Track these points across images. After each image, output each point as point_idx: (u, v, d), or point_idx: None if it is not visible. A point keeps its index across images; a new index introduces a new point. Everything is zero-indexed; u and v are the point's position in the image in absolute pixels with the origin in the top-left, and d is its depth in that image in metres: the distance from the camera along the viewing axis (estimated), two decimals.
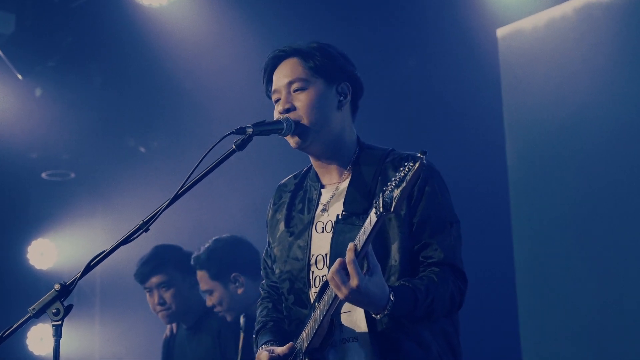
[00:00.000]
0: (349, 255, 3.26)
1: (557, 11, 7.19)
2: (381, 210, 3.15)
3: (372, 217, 3.21)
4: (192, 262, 6.31)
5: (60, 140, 9.55)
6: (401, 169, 3.11)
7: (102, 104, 9.32)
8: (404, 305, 3.39)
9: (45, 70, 8.92)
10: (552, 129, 7.15)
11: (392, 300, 3.34)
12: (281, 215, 3.92)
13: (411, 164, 3.08)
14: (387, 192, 3.13)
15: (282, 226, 3.90)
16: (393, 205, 3.11)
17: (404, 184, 3.08)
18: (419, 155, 3.08)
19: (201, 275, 6.29)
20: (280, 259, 3.86)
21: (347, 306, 3.57)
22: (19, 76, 8.83)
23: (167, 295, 6.53)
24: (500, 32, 7.53)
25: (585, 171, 6.92)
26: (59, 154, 9.81)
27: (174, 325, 6.70)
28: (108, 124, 9.55)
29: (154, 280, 6.54)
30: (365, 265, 3.31)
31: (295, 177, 4.03)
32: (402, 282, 3.49)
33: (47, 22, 8.49)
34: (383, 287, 3.34)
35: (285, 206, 3.92)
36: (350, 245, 3.28)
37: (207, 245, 6.32)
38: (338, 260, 3.29)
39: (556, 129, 7.12)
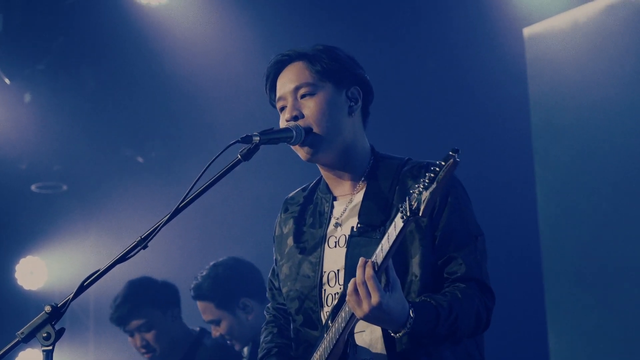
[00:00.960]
0: (368, 271, 3.22)
1: (586, 9, 7.29)
2: (408, 214, 3.11)
3: (398, 223, 3.18)
4: (192, 294, 6.26)
5: (51, 150, 9.55)
6: (432, 168, 3.06)
7: (96, 111, 9.33)
8: (425, 322, 3.36)
9: (34, 73, 8.93)
10: (581, 131, 7.25)
11: (412, 317, 3.31)
12: (289, 230, 3.91)
13: (442, 163, 3.04)
14: (415, 194, 3.09)
15: (290, 241, 3.88)
16: (422, 208, 3.07)
17: (434, 185, 3.04)
18: (450, 153, 3.03)
19: (205, 306, 6.23)
20: (289, 277, 3.84)
21: (361, 325, 3.53)
22: (7, 80, 8.85)
23: (150, 337, 6.49)
24: (527, 31, 7.63)
25: (615, 174, 7.02)
26: (49, 164, 9.81)
27: None
28: (103, 132, 9.55)
29: (133, 323, 6.50)
30: (384, 279, 3.29)
31: (303, 189, 4.02)
32: (423, 298, 3.46)
33: (37, 21, 8.51)
34: (403, 303, 3.31)
35: (294, 220, 3.91)
36: (368, 260, 3.24)
37: (205, 272, 6.24)
38: (356, 276, 3.25)
39: (585, 132, 7.23)
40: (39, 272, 9.95)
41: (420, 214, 3.09)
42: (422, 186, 3.08)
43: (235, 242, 8.82)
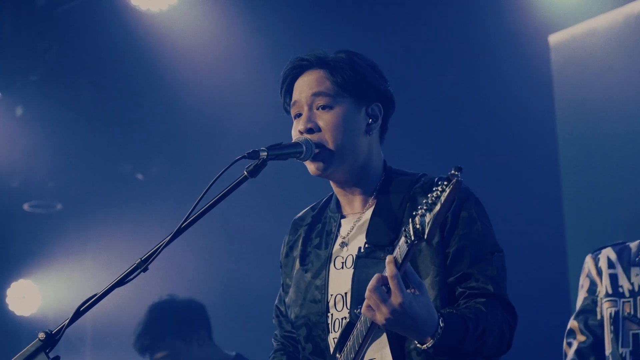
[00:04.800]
0: (391, 269, 3.15)
1: (612, 16, 7.40)
2: (412, 238, 3.09)
3: (402, 247, 3.15)
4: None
5: (44, 166, 9.56)
6: (434, 188, 3.04)
7: (92, 124, 9.34)
8: (454, 333, 3.29)
9: (27, 85, 8.96)
10: (609, 142, 7.36)
11: (441, 327, 3.25)
12: (297, 252, 3.90)
13: (445, 184, 3.01)
14: (418, 217, 3.07)
15: (297, 264, 3.87)
16: (426, 232, 3.05)
17: (437, 207, 3.02)
18: (453, 172, 3.01)
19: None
20: (296, 302, 3.82)
21: (371, 353, 3.51)
22: None
23: None
24: (553, 38, 7.70)
25: None
26: (43, 182, 9.81)
27: None
28: (100, 146, 9.55)
29: (158, 355, 6.47)
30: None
31: (312, 208, 4.00)
32: (447, 310, 3.41)
33: (29, 29, 8.52)
34: (430, 310, 3.24)
35: (301, 241, 3.89)
36: (390, 257, 3.18)
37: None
38: (376, 276, 3.18)
39: (613, 142, 7.33)
40: (32, 296, 9.95)
41: (425, 238, 3.06)
42: (425, 207, 3.05)
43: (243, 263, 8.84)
